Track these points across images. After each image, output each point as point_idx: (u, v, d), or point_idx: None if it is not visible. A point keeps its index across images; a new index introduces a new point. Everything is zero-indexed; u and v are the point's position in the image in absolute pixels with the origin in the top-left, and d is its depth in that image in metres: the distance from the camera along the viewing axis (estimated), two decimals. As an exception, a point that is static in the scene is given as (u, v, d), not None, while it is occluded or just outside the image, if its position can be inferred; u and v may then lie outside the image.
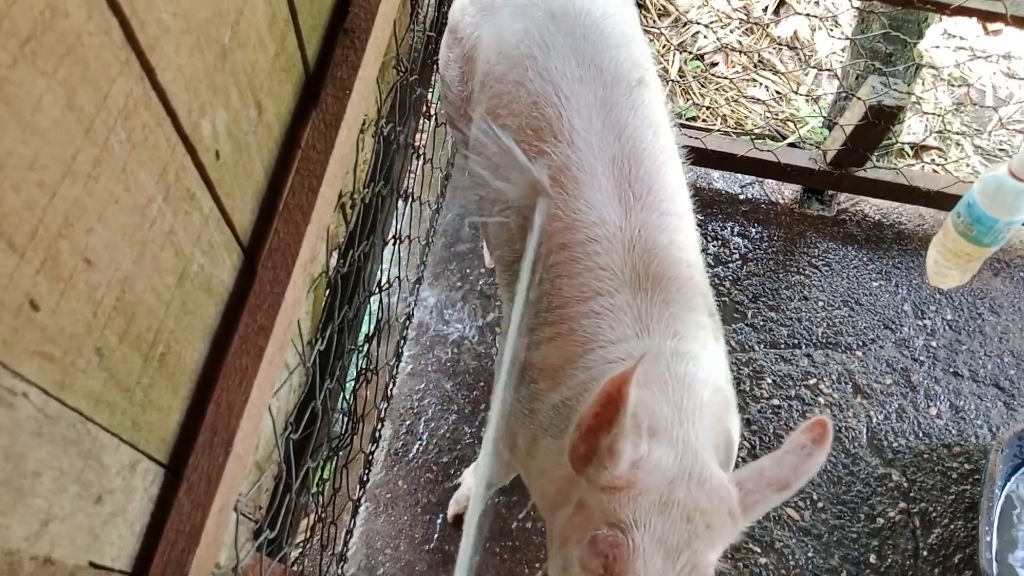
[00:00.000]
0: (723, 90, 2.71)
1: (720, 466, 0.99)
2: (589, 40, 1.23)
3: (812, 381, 2.07)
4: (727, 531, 0.93)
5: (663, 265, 1.12)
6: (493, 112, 1.26)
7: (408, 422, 1.98)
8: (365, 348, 1.65)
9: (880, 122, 1.99)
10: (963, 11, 1.82)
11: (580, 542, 0.93)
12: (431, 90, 1.94)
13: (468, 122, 1.39)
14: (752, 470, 0.95)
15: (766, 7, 2.90)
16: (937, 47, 2.84)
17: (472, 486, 1.77)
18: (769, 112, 2.65)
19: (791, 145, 2.48)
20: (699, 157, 2.16)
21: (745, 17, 2.87)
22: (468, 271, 2.20)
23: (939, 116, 2.68)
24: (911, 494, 1.93)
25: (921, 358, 2.12)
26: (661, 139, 1.22)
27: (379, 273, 1.68)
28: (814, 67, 2.78)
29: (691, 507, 0.90)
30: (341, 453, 1.62)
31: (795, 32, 2.86)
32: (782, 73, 2.75)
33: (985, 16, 1.85)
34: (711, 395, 1.06)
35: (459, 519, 1.82)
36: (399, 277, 1.85)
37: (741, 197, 2.36)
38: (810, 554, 1.86)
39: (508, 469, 1.55)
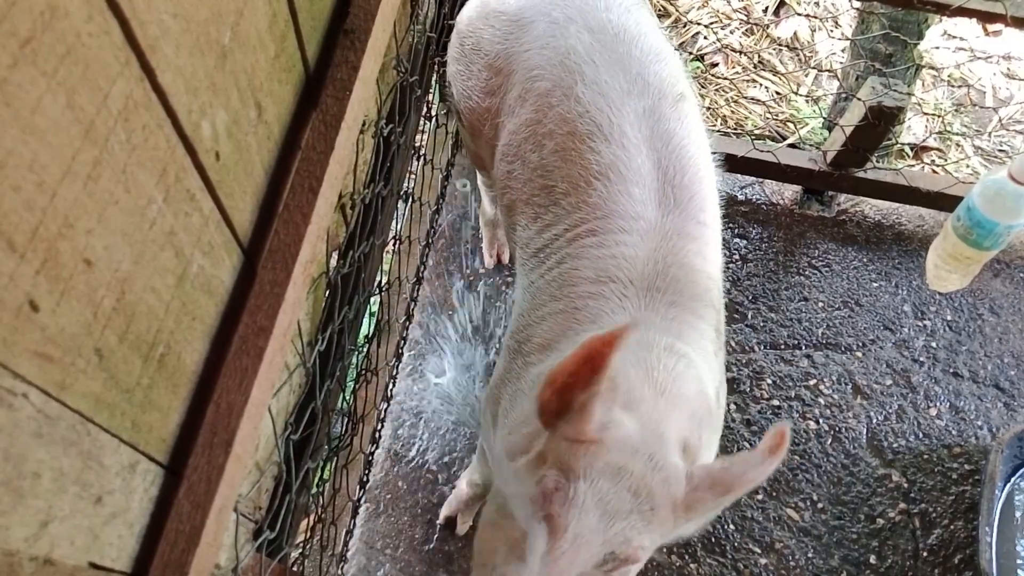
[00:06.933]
0: (723, 91, 2.71)
1: None
2: (633, 55, 1.27)
3: (812, 382, 2.07)
4: (667, 523, 0.92)
5: (683, 271, 1.14)
6: (539, 122, 1.29)
7: (408, 423, 1.98)
8: (365, 349, 1.65)
9: (880, 123, 1.99)
10: (963, 12, 1.82)
11: (528, 479, 0.93)
12: (431, 91, 1.94)
13: (495, 134, 1.41)
14: (702, 468, 0.94)
15: (766, 8, 2.90)
16: (937, 48, 2.84)
17: (463, 488, 1.77)
18: (769, 113, 2.65)
19: (791, 146, 2.48)
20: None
21: (745, 18, 2.87)
22: (468, 271, 2.20)
23: (939, 117, 2.68)
24: (911, 495, 1.93)
25: (921, 359, 2.12)
26: (703, 153, 1.26)
27: (379, 274, 1.68)
28: (814, 68, 2.78)
29: (641, 483, 0.90)
30: (341, 454, 1.62)
31: (795, 33, 2.86)
32: (782, 74, 2.75)
33: (985, 17, 1.86)
34: (696, 395, 1.06)
35: (451, 521, 1.82)
36: (399, 278, 1.85)
37: (741, 198, 2.36)
38: (810, 555, 1.85)
39: (488, 470, 1.55)
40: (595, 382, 0.87)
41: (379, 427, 1.94)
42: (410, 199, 1.85)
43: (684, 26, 2.83)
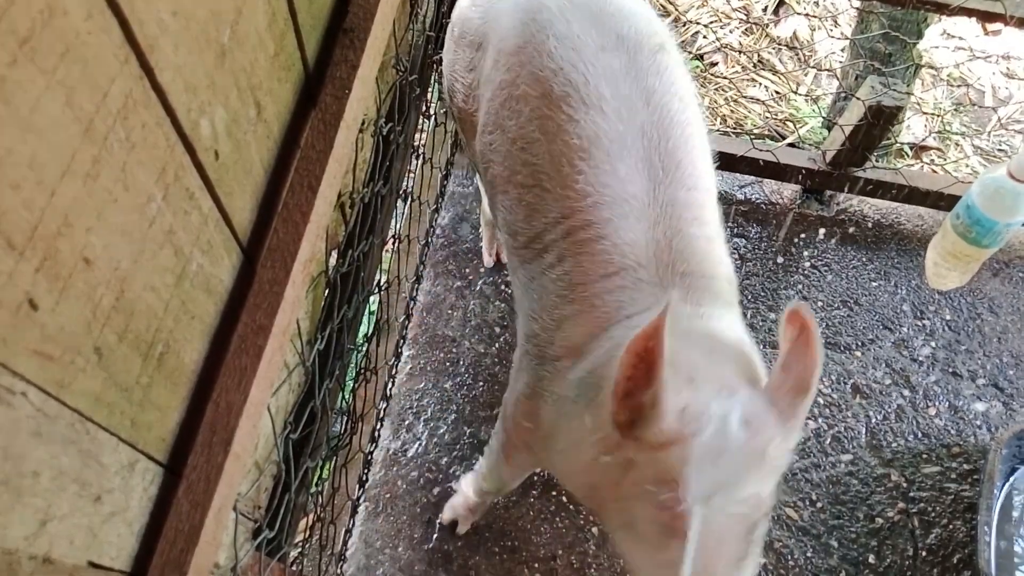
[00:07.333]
0: (722, 90, 2.71)
1: None
2: (606, 11, 1.25)
3: (811, 381, 2.07)
4: (779, 456, 0.93)
5: (684, 240, 1.14)
6: (512, 83, 1.26)
7: (407, 422, 1.98)
8: (364, 348, 1.66)
9: (879, 122, 1.99)
10: (963, 11, 1.82)
11: (640, 499, 0.93)
12: (430, 90, 1.94)
13: (476, 106, 1.39)
14: (775, 389, 0.94)
15: (765, 7, 2.90)
16: (936, 47, 2.84)
17: (471, 495, 1.76)
18: (768, 112, 2.65)
19: (790, 145, 2.49)
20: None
21: (745, 17, 2.87)
22: (467, 271, 2.20)
23: (938, 116, 2.68)
24: (910, 494, 1.94)
25: (920, 358, 2.12)
26: (687, 107, 1.23)
27: (378, 273, 1.68)
28: (813, 67, 2.78)
29: (741, 445, 0.90)
30: (340, 453, 1.62)
31: (794, 32, 2.86)
32: (781, 73, 2.75)
33: (984, 16, 1.86)
34: (736, 341, 1.08)
35: (454, 524, 1.82)
36: (398, 277, 1.85)
37: (740, 197, 2.36)
38: (809, 554, 1.86)
39: (519, 471, 1.54)
40: (655, 378, 0.86)
41: (378, 426, 1.94)
42: (409, 198, 1.85)
43: (683, 25, 2.83)
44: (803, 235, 2.30)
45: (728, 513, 0.89)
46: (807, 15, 2.84)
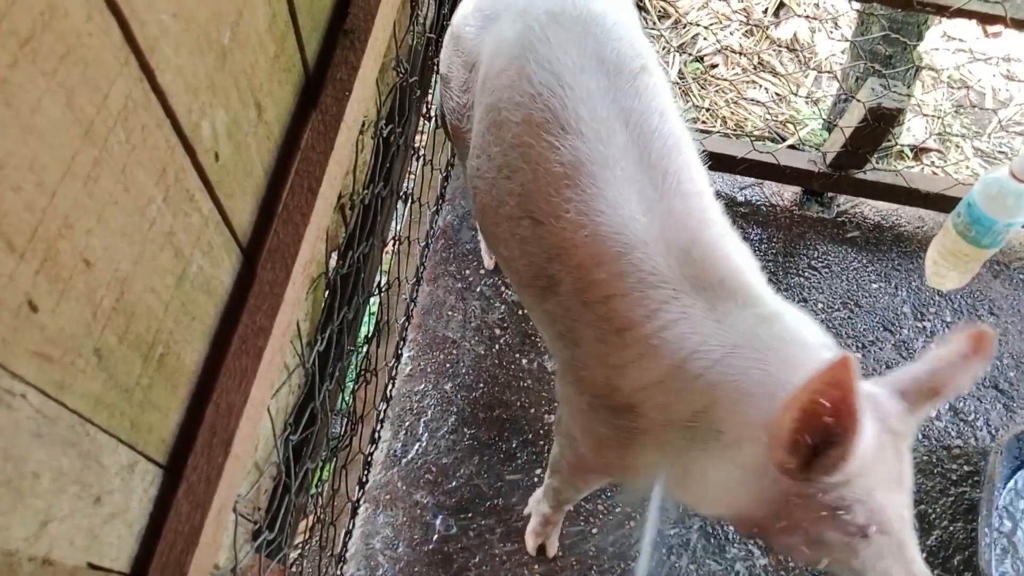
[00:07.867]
0: (723, 92, 2.71)
1: None
2: (591, 34, 1.23)
3: (811, 383, 2.07)
4: (912, 435, 1.01)
5: (703, 247, 1.12)
6: (495, 108, 1.25)
7: (407, 423, 1.98)
8: (364, 349, 1.66)
9: (879, 124, 1.99)
10: (963, 13, 1.82)
11: (818, 522, 0.97)
12: (431, 92, 1.94)
13: (469, 129, 1.39)
14: (910, 381, 0.99)
15: (766, 9, 2.90)
16: (937, 49, 2.84)
17: (547, 511, 1.74)
18: (769, 114, 2.66)
19: (791, 147, 2.48)
20: (699, 159, 2.16)
21: (745, 19, 2.87)
22: (467, 272, 2.20)
23: (939, 118, 2.68)
24: (910, 496, 1.93)
25: (920, 360, 2.12)
26: (669, 121, 1.21)
27: (378, 274, 1.68)
28: (814, 69, 2.78)
29: (893, 441, 0.96)
30: (340, 454, 1.62)
31: (795, 34, 2.86)
32: (782, 75, 2.75)
33: (985, 18, 1.86)
34: (816, 337, 1.09)
35: (542, 548, 1.80)
36: (398, 278, 1.85)
37: (740, 199, 2.36)
38: (809, 556, 1.85)
39: (598, 481, 1.54)
40: (851, 434, 0.87)
41: (378, 428, 1.94)
42: (409, 199, 1.85)
43: (684, 27, 2.84)
44: (803, 237, 2.30)
45: (906, 500, 0.98)
46: (807, 17, 2.84)
